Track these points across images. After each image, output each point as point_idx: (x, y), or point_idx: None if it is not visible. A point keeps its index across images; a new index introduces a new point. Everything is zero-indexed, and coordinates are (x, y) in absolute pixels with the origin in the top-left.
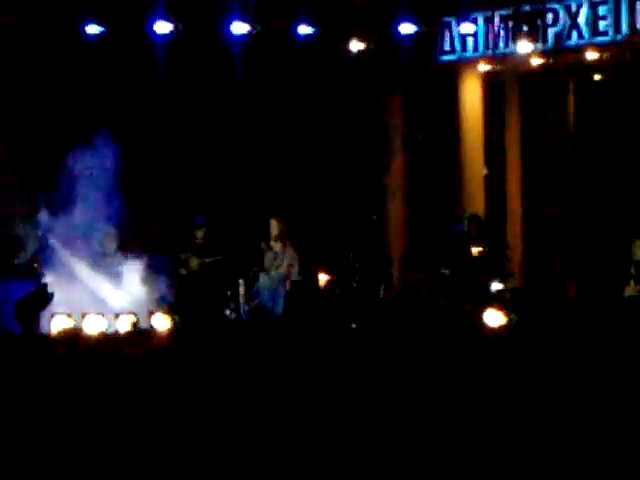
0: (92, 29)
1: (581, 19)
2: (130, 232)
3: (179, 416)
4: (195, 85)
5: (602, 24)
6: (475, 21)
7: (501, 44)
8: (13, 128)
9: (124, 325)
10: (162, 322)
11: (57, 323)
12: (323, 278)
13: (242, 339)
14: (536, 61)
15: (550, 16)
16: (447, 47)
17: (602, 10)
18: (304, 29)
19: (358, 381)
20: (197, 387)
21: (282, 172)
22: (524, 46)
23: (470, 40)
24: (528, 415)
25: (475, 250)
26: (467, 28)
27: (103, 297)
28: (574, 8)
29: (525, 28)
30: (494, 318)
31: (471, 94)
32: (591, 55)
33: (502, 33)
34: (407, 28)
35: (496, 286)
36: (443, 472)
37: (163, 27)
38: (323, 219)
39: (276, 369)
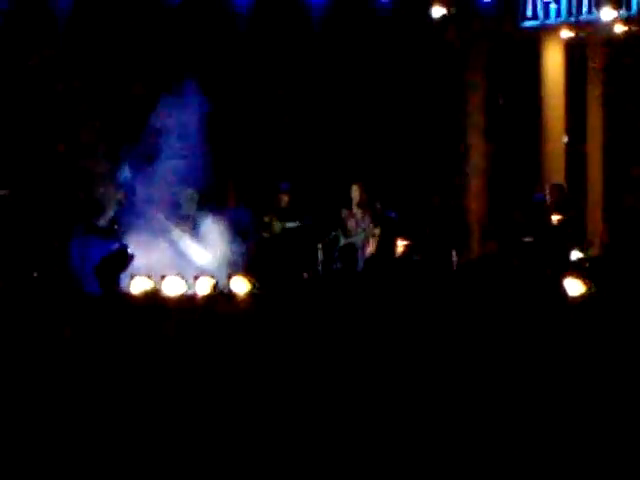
0: None
1: None
2: (212, 190)
3: (255, 379)
4: (277, 48)
5: None
6: None
7: (584, 11)
8: (96, 84)
9: (203, 287)
10: (241, 285)
11: (137, 284)
12: (401, 244)
13: (319, 298)
14: (619, 28)
15: None
16: (529, 13)
17: None
18: None
19: (435, 344)
20: (274, 350)
21: (362, 136)
22: (607, 13)
23: (552, 6)
24: (603, 382)
25: (555, 218)
26: None
27: (189, 255)
28: None
29: None
30: (573, 287)
31: (553, 61)
32: None
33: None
34: None
35: (576, 254)
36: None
37: None
38: (402, 184)
39: (352, 330)
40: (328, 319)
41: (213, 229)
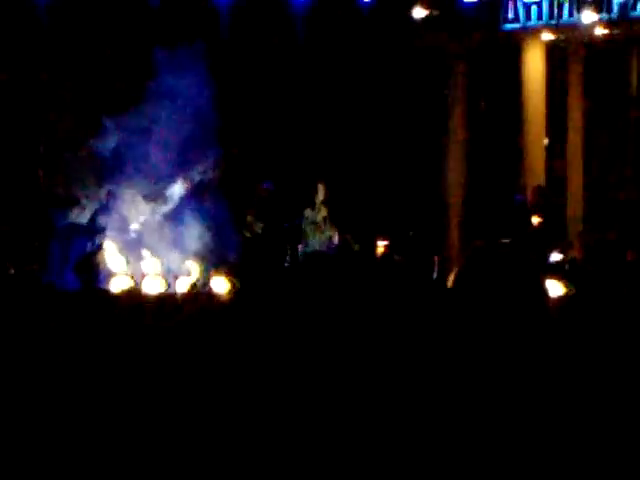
0: None
1: None
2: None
3: (234, 377)
4: (258, 50)
5: None
6: None
7: (565, 13)
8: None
9: (183, 287)
10: (222, 285)
11: (117, 283)
12: (381, 244)
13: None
14: (600, 31)
15: None
16: (511, 15)
17: None
18: None
19: (417, 347)
20: (252, 348)
21: (342, 137)
22: (588, 16)
23: (534, 9)
24: (585, 383)
25: (535, 220)
26: None
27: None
28: None
29: None
30: (553, 288)
31: (534, 63)
32: None
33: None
34: None
35: (555, 256)
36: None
37: None
38: (382, 186)
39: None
40: (309, 316)
41: (193, 226)
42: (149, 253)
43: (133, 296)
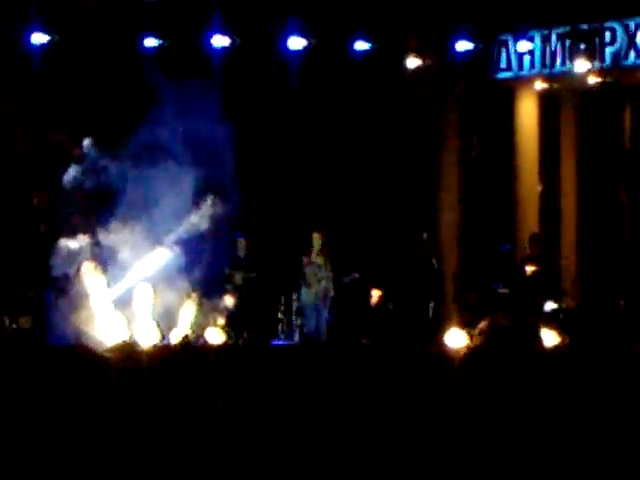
0: (150, 42)
1: (639, 39)
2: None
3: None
4: (252, 98)
5: None
6: (532, 39)
7: (558, 62)
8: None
9: (177, 338)
10: (216, 337)
11: (112, 334)
12: (375, 294)
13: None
14: (593, 80)
15: (608, 35)
16: (504, 65)
17: None
18: (361, 45)
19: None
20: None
21: (335, 186)
22: (581, 65)
23: (527, 58)
24: (581, 431)
25: (529, 269)
26: (524, 46)
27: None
28: (632, 27)
29: (582, 47)
30: (548, 338)
31: (527, 112)
32: None
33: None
34: (464, 45)
35: (550, 306)
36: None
37: (220, 41)
38: (376, 235)
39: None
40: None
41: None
42: (144, 303)
43: (127, 350)
